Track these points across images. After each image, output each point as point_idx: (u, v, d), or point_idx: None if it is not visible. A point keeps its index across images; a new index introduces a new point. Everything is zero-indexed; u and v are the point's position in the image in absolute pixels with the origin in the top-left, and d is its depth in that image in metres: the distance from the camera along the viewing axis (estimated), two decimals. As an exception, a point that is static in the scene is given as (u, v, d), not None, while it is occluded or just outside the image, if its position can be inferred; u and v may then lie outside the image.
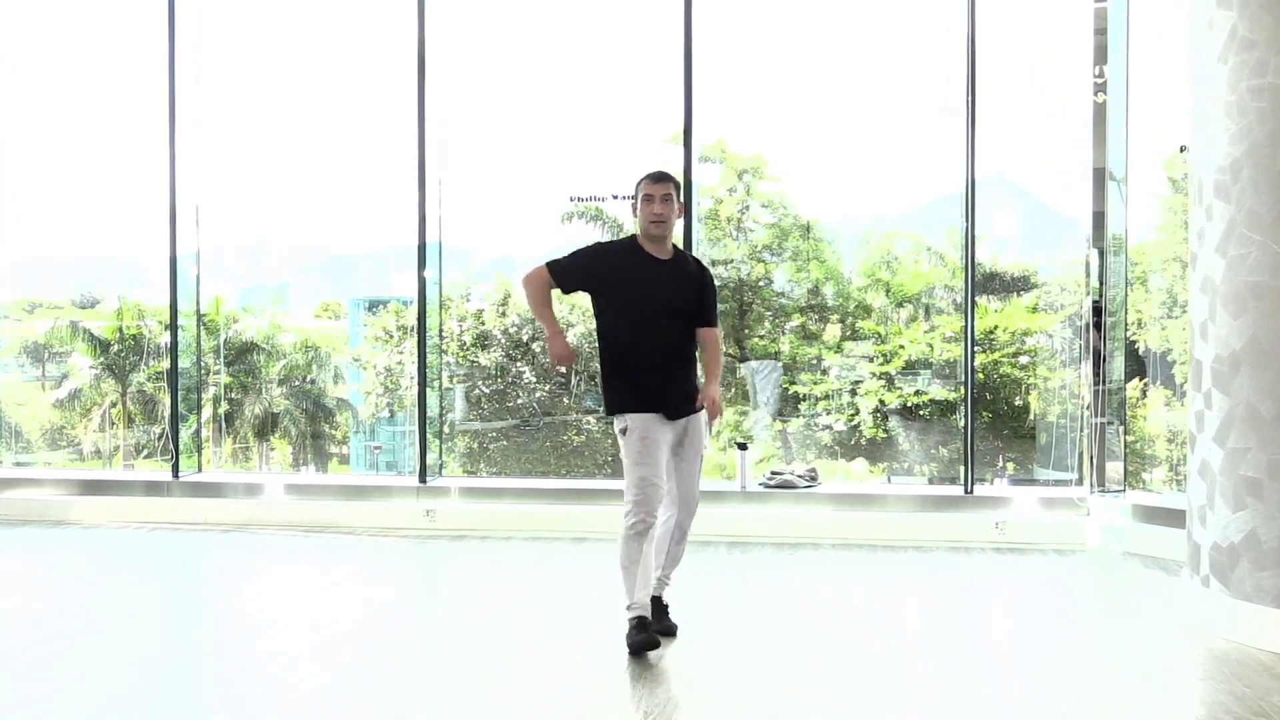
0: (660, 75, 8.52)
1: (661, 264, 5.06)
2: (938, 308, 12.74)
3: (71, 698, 4.38)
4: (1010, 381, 12.22)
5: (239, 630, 5.48)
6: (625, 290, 5.02)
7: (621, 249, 5.15)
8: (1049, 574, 6.76)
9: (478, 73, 10.85)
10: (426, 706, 4.32)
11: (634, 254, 5.08)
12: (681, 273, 5.12)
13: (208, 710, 4.32)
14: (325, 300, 15.27)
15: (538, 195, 12.38)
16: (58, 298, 14.75)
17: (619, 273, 5.05)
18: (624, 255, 5.10)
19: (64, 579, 6.73)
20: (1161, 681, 4.67)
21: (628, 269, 5.05)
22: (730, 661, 4.86)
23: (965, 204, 8.03)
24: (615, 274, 5.05)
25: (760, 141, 13.40)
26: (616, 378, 5.04)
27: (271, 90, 11.65)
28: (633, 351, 5.01)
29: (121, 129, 11.11)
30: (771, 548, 7.32)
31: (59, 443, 14.76)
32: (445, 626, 5.72)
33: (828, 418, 12.71)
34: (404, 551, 7.46)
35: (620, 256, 5.10)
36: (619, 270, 5.05)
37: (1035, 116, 10.03)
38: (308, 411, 14.75)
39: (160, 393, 13.34)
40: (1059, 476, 9.09)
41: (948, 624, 5.66)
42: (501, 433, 13.01)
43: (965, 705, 4.28)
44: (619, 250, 5.16)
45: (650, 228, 5.03)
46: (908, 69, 11.39)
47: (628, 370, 5.01)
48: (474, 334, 13.23)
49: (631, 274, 5.03)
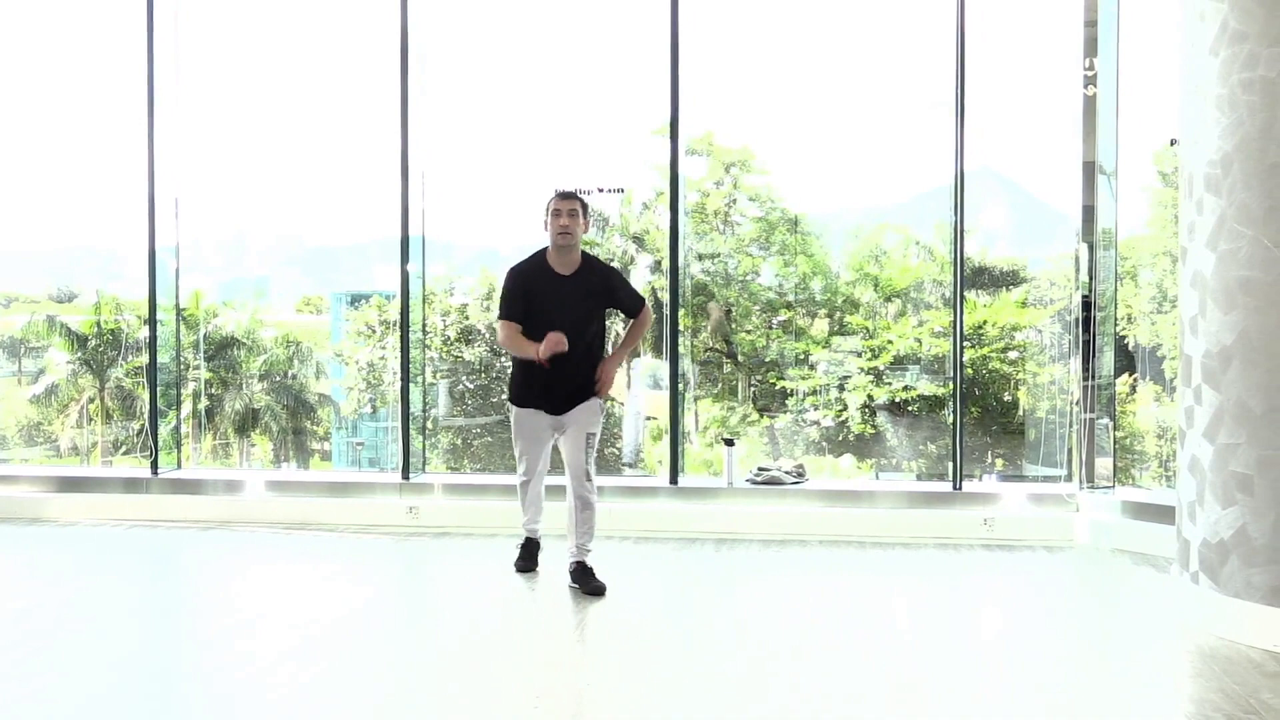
0: (647, 67, 8.43)
1: (563, 280, 5.89)
2: (926, 302, 12.70)
3: (51, 697, 4.30)
4: (999, 377, 12.19)
5: (219, 629, 5.40)
6: (531, 304, 5.88)
7: (530, 268, 5.97)
8: (1038, 571, 6.71)
9: (462, 63, 10.76)
10: (408, 705, 4.25)
11: (540, 271, 5.93)
12: (581, 286, 5.90)
13: (189, 710, 4.25)
14: (306, 294, 15.17)
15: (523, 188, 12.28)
16: (34, 291, 14.63)
17: (528, 291, 5.90)
18: (531, 274, 5.94)
19: (42, 577, 6.63)
20: (1151, 679, 4.63)
21: (534, 286, 5.90)
22: (718, 658, 4.80)
23: (954, 198, 7.97)
24: (525, 292, 5.90)
25: (748, 134, 13.35)
26: (515, 371, 6.13)
27: (252, 80, 11.53)
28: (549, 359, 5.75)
29: (99, 120, 11.00)
30: (759, 544, 7.26)
31: (35, 439, 14.65)
32: (428, 624, 5.65)
33: (815, 413, 12.66)
34: (386, 549, 7.38)
35: (529, 276, 5.94)
36: (528, 288, 5.91)
37: (1025, 109, 9.99)
38: (289, 407, 14.66)
39: (139, 388, 13.23)
40: (1048, 473, 9.05)
41: (936, 621, 5.60)
42: (485, 428, 12.93)
43: (954, 702, 4.23)
44: (529, 270, 5.96)
45: (558, 238, 5.85)
46: (896, 61, 11.33)
47: (522, 370, 6.03)
48: (458, 329, 13.15)
49: (535, 291, 5.88)
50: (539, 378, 5.91)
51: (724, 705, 4.22)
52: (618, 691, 4.40)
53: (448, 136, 9.56)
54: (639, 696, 4.33)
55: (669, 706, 4.23)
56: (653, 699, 4.31)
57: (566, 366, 5.84)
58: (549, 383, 5.94)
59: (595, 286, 5.97)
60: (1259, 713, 4.08)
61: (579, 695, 4.37)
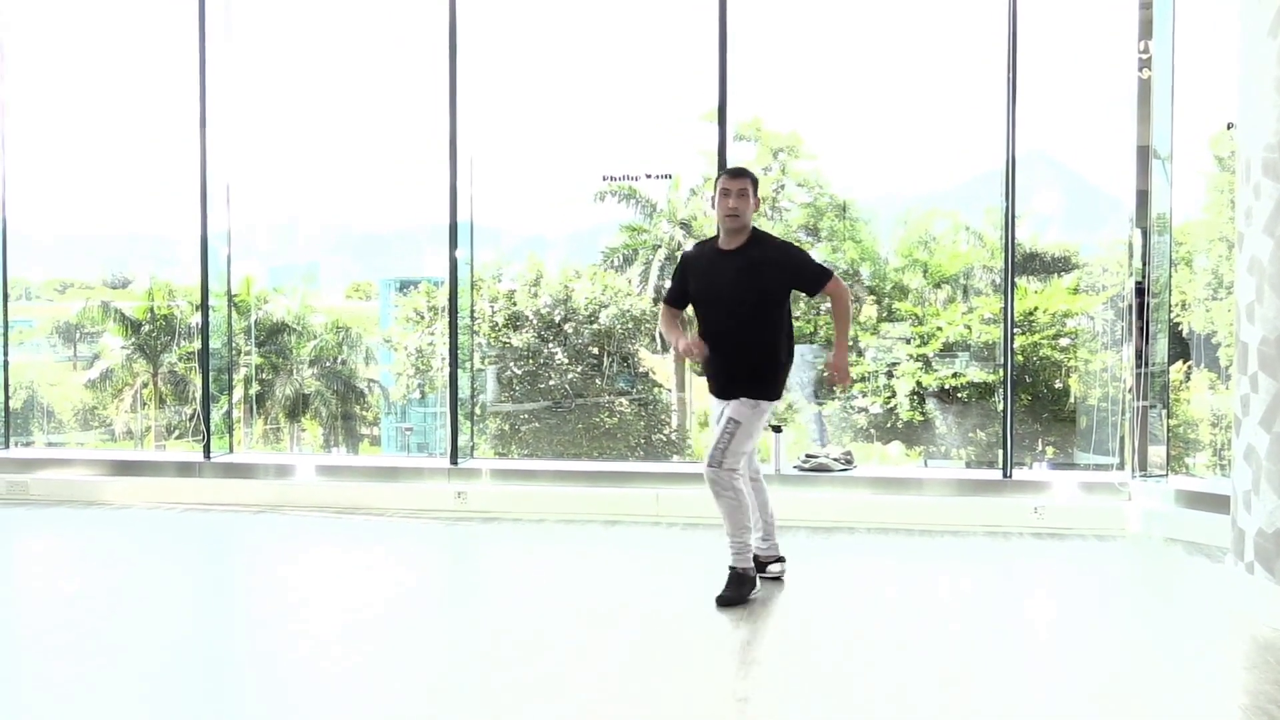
0: (694, 52, 8.41)
1: (726, 257, 5.46)
2: (976, 288, 12.59)
3: (105, 677, 4.36)
4: (1050, 364, 12.07)
5: (271, 611, 5.46)
6: (696, 284, 5.56)
7: (699, 251, 5.69)
8: (1089, 560, 6.64)
9: (511, 50, 10.77)
10: (459, 688, 4.28)
11: (706, 250, 5.62)
12: (745, 263, 5.40)
13: (241, 690, 4.29)
14: (356, 280, 15.29)
15: (570, 174, 12.32)
16: (89, 278, 14.83)
17: (690, 271, 5.62)
18: (697, 254, 5.68)
19: (96, 559, 6.74)
20: (1204, 670, 4.57)
21: (697, 266, 5.59)
22: (764, 645, 4.79)
23: (1005, 182, 7.88)
24: (687, 272, 5.64)
25: (796, 119, 13.28)
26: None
27: (303, 68, 11.62)
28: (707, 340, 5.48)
29: (153, 107, 11.11)
30: (806, 531, 7.23)
31: (90, 423, 14.86)
32: (477, 608, 5.68)
33: (864, 400, 12.60)
34: (435, 533, 7.43)
35: (694, 256, 5.68)
36: (691, 269, 5.62)
37: (1078, 93, 9.86)
38: (338, 393, 14.79)
39: (191, 373, 13.39)
40: (1100, 461, 8.96)
41: (986, 609, 5.56)
42: (533, 414, 12.98)
43: (1003, 691, 4.19)
44: (697, 253, 5.70)
45: (725, 221, 5.42)
46: (947, 45, 11.22)
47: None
48: (506, 315, 13.20)
49: (698, 270, 5.57)
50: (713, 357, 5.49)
51: (771, 690, 4.21)
52: (662, 676, 4.40)
53: (496, 123, 9.59)
54: (684, 679, 4.33)
55: (714, 690, 4.22)
56: (699, 682, 4.30)
57: (723, 348, 5.45)
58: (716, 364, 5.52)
59: (756, 259, 5.40)
60: (1316, 705, 4.02)
61: (625, 678, 4.37)
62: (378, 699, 4.14)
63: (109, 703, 4.11)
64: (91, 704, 4.09)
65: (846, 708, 4.02)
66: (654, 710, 4.01)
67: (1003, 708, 4.05)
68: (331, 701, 4.14)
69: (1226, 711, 4.05)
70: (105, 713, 4.01)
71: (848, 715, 3.94)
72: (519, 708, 4.03)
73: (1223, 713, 4.03)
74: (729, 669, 4.50)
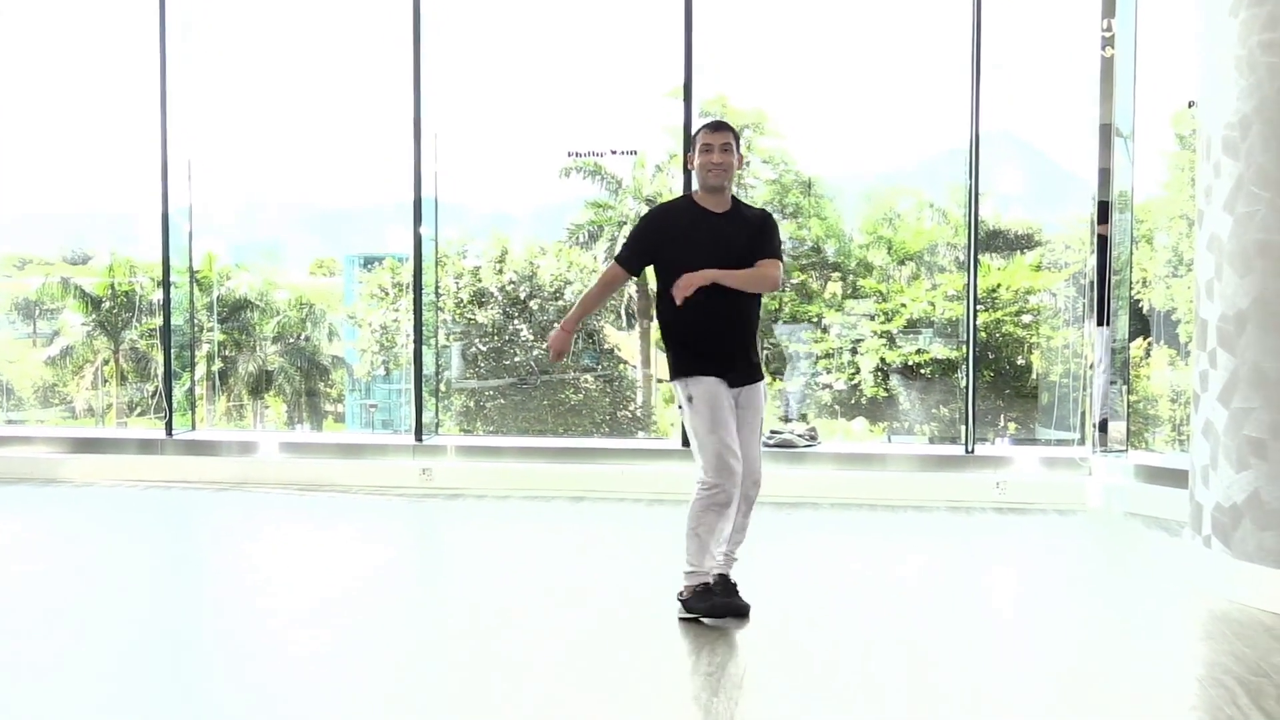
0: (660, 29, 8.39)
1: (716, 218, 4.81)
2: (940, 265, 12.65)
3: (71, 656, 4.34)
4: (1013, 340, 12.16)
5: (238, 589, 5.44)
6: (678, 249, 4.77)
7: (676, 208, 4.95)
8: (1050, 534, 6.71)
9: (476, 25, 10.70)
10: (425, 665, 4.28)
11: (689, 211, 4.86)
12: (739, 224, 4.84)
13: (210, 669, 4.27)
14: (319, 256, 15.18)
15: (536, 150, 12.26)
16: (48, 254, 14.66)
17: (672, 233, 4.82)
18: (678, 214, 4.89)
19: (59, 538, 6.69)
20: (1162, 641, 4.63)
21: (678, 226, 4.82)
22: (729, 620, 4.80)
23: (969, 160, 7.92)
24: (669, 235, 4.82)
25: (761, 97, 13.27)
26: (679, 342, 4.84)
27: (266, 43, 11.49)
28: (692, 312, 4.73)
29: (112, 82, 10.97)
30: (771, 507, 7.26)
31: (51, 400, 14.72)
32: (443, 586, 5.68)
33: (828, 376, 12.65)
34: (400, 510, 7.42)
35: (675, 216, 4.89)
36: (672, 231, 4.82)
37: (1041, 72, 9.90)
38: (302, 369, 14.71)
39: (153, 350, 13.28)
40: (1061, 436, 9.04)
41: (949, 583, 5.62)
42: (498, 391, 12.96)
43: (965, 664, 4.24)
44: (673, 210, 4.95)
45: (709, 178, 4.78)
46: (912, 23, 11.24)
47: (693, 328, 4.79)
48: (471, 291, 13.15)
49: (684, 232, 4.80)
50: (717, 337, 4.80)
51: (734, 666, 4.24)
52: (626, 652, 4.42)
53: (461, 99, 9.54)
54: (647, 656, 4.35)
55: (677, 666, 4.25)
56: (662, 658, 4.33)
57: (734, 322, 4.83)
58: (723, 341, 4.82)
59: (751, 220, 4.89)
60: (1269, 675, 4.09)
61: (590, 655, 4.39)
62: (344, 677, 4.14)
63: (74, 682, 4.08)
64: (57, 683, 4.06)
65: (812, 682, 4.05)
66: (621, 687, 4.03)
67: (965, 679, 4.09)
68: (298, 679, 4.13)
69: (1183, 682, 4.11)
70: (71, 692, 3.98)
71: (813, 689, 3.98)
72: (486, 685, 4.04)
73: (1179, 683, 4.09)
74: (695, 646, 4.53)
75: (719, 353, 4.79)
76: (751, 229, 4.84)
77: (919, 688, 4.01)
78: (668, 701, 3.90)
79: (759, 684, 4.03)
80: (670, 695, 3.96)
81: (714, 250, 4.73)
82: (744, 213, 4.90)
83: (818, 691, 3.94)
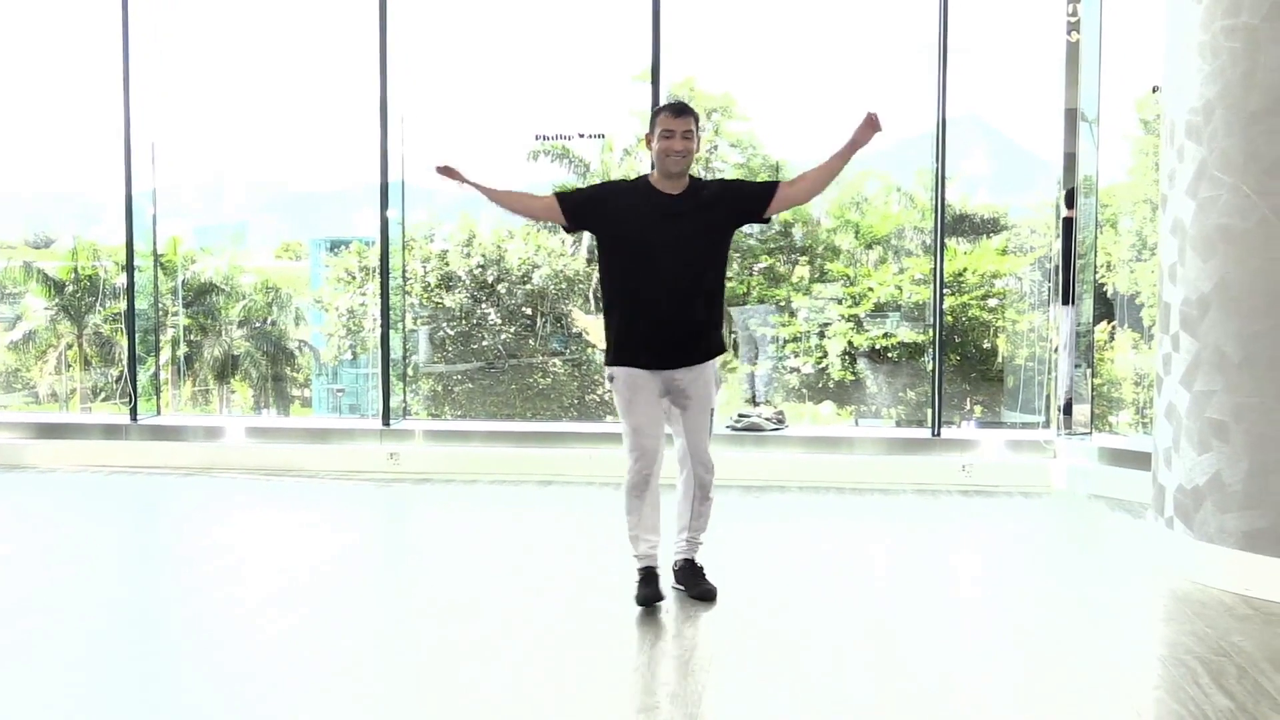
0: (628, 12, 8.36)
1: (669, 198, 4.72)
2: (907, 249, 12.69)
3: (37, 642, 4.30)
4: (979, 324, 12.22)
5: (204, 574, 5.40)
6: (622, 225, 4.72)
7: (628, 186, 4.86)
8: (1015, 516, 6.77)
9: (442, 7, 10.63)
10: (393, 649, 4.28)
11: (641, 191, 4.77)
12: (696, 204, 4.73)
13: (177, 654, 4.25)
14: (286, 240, 15.07)
15: (503, 133, 12.20)
16: (9, 237, 14.49)
17: (618, 206, 4.76)
18: (628, 192, 4.80)
19: (25, 523, 6.63)
20: (1125, 622, 4.69)
21: (628, 204, 4.74)
22: (698, 605, 4.82)
23: (936, 144, 7.95)
24: (611, 207, 4.76)
25: (730, 80, 13.26)
26: (609, 326, 4.82)
27: (231, 25, 11.38)
28: (627, 296, 4.75)
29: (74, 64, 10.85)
30: (738, 490, 7.29)
31: (13, 385, 14.58)
32: (411, 571, 5.67)
33: (795, 360, 12.68)
34: (368, 495, 7.40)
35: (624, 193, 4.81)
36: (619, 203, 4.76)
37: (1007, 56, 9.94)
38: (268, 354, 14.61)
39: (117, 334, 13.15)
40: (1026, 419, 9.11)
41: (914, 566, 5.65)
42: (466, 375, 12.92)
43: (931, 645, 4.27)
44: (625, 187, 4.88)
45: (668, 164, 4.67)
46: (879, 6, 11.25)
47: (619, 317, 4.77)
48: (438, 275, 13.09)
49: (628, 209, 4.72)
50: (641, 319, 4.74)
51: (704, 648, 4.26)
52: (596, 637, 4.43)
53: (428, 81, 9.48)
54: (617, 640, 4.36)
55: (648, 649, 4.26)
56: (632, 642, 4.34)
57: (678, 305, 4.70)
58: (656, 326, 4.73)
59: (706, 199, 4.77)
60: (1230, 655, 4.14)
61: (559, 640, 4.40)
62: (311, 660, 4.13)
63: (42, 666, 4.05)
64: (25, 667, 4.03)
65: (781, 663, 4.08)
66: (589, 671, 4.04)
67: (932, 660, 4.13)
68: (265, 663, 4.12)
69: (1145, 662, 4.16)
70: (39, 676, 3.96)
71: (782, 670, 4.00)
72: (454, 671, 4.04)
73: (1142, 663, 4.14)
74: (664, 630, 4.54)
75: (643, 342, 4.75)
76: (709, 206, 4.76)
77: (887, 669, 4.04)
78: (636, 685, 3.92)
79: (728, 666, 4.05)
80: (639, 679, 3.98)
81: (661, 226, 4.67)
82: (700, 192, 4.79)
83: (786, 673, 3.97)
